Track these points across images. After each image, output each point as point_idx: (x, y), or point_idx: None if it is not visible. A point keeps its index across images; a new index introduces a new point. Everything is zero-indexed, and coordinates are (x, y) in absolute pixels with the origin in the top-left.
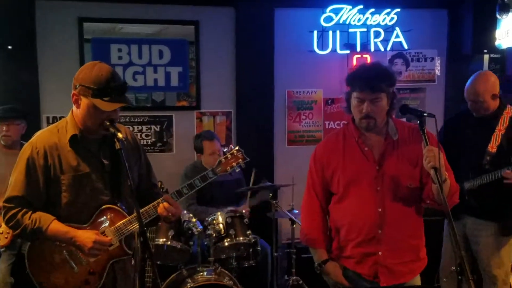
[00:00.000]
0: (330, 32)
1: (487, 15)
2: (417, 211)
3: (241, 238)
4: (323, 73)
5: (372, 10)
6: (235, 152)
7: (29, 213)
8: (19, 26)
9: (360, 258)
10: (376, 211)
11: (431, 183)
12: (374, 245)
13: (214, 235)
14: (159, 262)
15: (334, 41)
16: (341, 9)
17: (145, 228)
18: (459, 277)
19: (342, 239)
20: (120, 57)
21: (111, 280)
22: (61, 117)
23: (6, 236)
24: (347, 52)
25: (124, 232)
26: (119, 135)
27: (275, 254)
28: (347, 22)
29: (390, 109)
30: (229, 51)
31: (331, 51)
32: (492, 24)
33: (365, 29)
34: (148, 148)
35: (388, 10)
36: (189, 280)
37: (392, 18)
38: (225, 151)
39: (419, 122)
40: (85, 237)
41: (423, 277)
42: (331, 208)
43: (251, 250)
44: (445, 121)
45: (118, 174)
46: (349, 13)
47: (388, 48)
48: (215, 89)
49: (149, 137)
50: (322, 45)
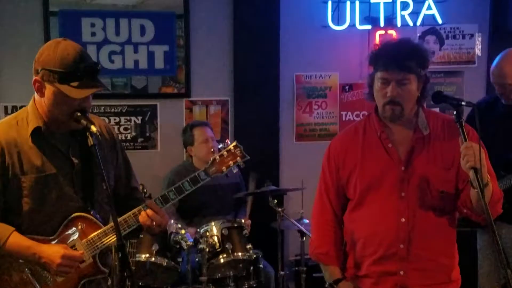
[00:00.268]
0: (348, 3)
1: None
2: (449, 222)
3: (239, 254)
4: (339, 53)
5: None
6: (232, 148)
7: None
8: None
9: (377, 278)
10: (399, 221)
11: (468, 189)
12: (395, 262)
13: (208, 250)
14: (140, 283)
15: (353, 14)
16: None
17: (124, 242)
18: None
19: (358, 254)
20: (93, 34)
21: None
22: (22, 107)
23: None
24: (369, 27)
25: (99, 246)
26: (93, 128)
27: (281, 273)
28: None
29: (421, 97)
30: (226, 27)
31: (349, 26)
32: None
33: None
34: (128, 144)
35: None
36: None
37: None
38: (220, 147)
39: (455, 113)
40: (52, 251)
41: None
42: (346, 217)
43: (251, 268)
44: (468, 113)
45: (90, 175)
46: None
47: (418, 23)
48: (208, 72)
49: (129, 131)
50: (338, 19)
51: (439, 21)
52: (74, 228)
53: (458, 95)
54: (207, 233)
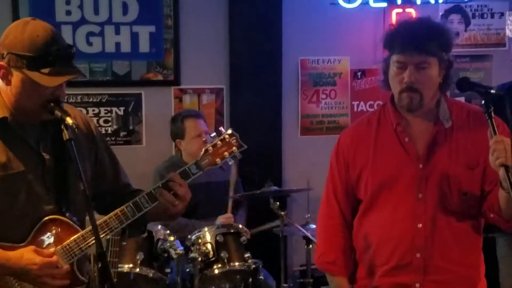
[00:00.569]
0: None
1: None
2: (473, 228)
3: (236, 264)
4: (351, 34)
5: None
6: (227, 137)
7: None
8: None
9: None
10: (415, 227)
11: (497, 190)
12: (410, 273)
13: (200, 259)
14: None
15: None
16: None
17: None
18: None
19: (370, 263)
20: (68, 13)
21: None
22: None
23: None
24: (384, 5)
25: (76, 253)
26: (68, 120)
27: (284, 285)
28: None
29: (443, 84)
30: (220, 5)
31: (361, 3)
32: None
33: None
34: (109, 138)
35: None
36: None
37: None
38: (213, 136)
39: (484, 103)
40: (25, 260)
41: None
42: (356, 221)
43: (250, 280)
44: (503, 96)
45: (64, 173)
46: None
47: (441, 0)
48: (200, 57)
49: (109, 123)
50: None
51: None
52: (49, 233)
53: (486, 82)
54: (200, 240)
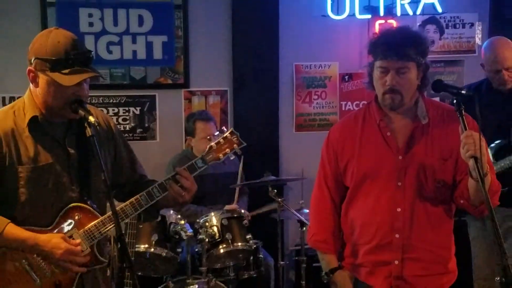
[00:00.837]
0: None
1: None
2: (446, 213)
3: (239, 244)
4: (339, 42)
5: None
6: (228, 135)
7: None
8: None
9: (372, 268)
10: (394, 211)
11: (466, 180)
12: (389, 252)
13: (207, 240)
14: (140, 273)
15: (352, 3)
16: None
17: (123, 232)
18: None
19: (355, 242)
20: (91, 24)
21: None
22: (19, 97)
23: None
24: (368, 17)
25: (96, 236)
26: (91, 119)
27: (281, 263)
28: None
29: (421, 85)
30: (224, 17)
31: (348, 15)
32: None
33: None
34: (126, 135)
35: None
36: None
37: None
38: (216, 134)
39: (455, 102)
40: (52, 244)
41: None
42: (344, 205)
43: (251, 258)
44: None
45: (87, 166)
46: None
47: (418, 12)
48: (207, 63)
49: (127, 121)
50: (338, 8)
51: (439, 10)
52: (72, 219)
53: (458, 84)
54: (207, 224)
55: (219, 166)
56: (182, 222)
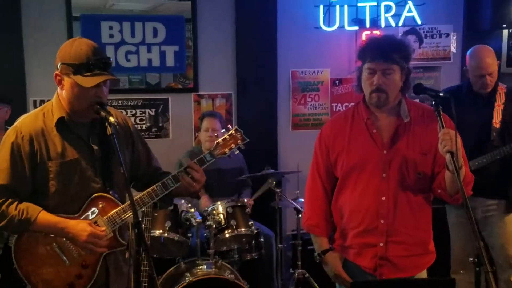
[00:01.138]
0: (337, 7)
1: None
2: (425, 201)
3: (243, 229)
4: (330, 51)
5: None
6: (233, 132)
7: (15, 203)
8: (1, 4)
9: (360, 249)
10: (379, 199)
11: (443, 172)
12: (375, 235)
13: (214, 226)
14: (155, 255)
15: (342, 16)
16: None
17: (140, 219)
18: (477, 268)
19: (344, 227)
20: (111, 36)
21: (103, 274)
22: (48, 100)
23: None
24: (356, 28)
25: (118, 222)
26: (111, 119)
27: (280, 246)
28: None
29: (404, 87)
30: (229, 29)
31: (338, 27)
32: None
33: (375, 3)
34: (143, 133)
35: None
36: (188, 274)
37: None
38: (223, 132)
39: (434, 103)
40: (79, 228)
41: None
42: (335, 194)
43: (253, 242)
44: (449, 99)
45: (109, 160)
46: None
47: (400, 24)
48: (213, 70)
49: (144, 121)
50: (329, 21)
51: (419, 22)
52: (96, 207)
53: (435, 87)
54: (214, 212)
55: (223, 162)
56: (192, 210)
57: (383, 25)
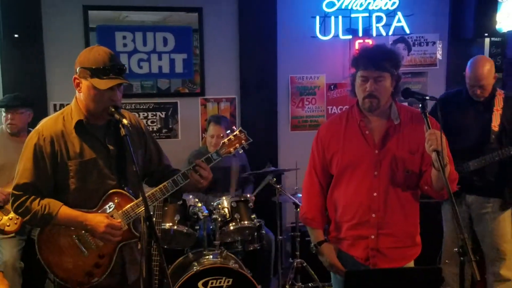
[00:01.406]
0: (332, 18)
1: None
2: (413, 197)
3: (246, 222)
4: (326, 58)
5: None
6: (238, 133)
7: (38, 199)
8: (25, 15)
9: (353, 241)
10: (371, 195)
11: (430, 170)
12: (367, 228)
13: (220, 219)
14: (165, 246)
15: (336, 26)
16: None
17: (152, 213)
18: (461, 258)
19: (338, 220)
20: (125, 45)
21: (119, 263)
22: (67, 104)
23: (15, 222)
24: (349, 37)
25: (132, 216)
26: (124, 121)
27: (280, 237)
28: (349, 7)
29: (394, 92)
30: (233, 38)
31: (333, 36)
32: (493, 7)
33: (367, 14)
34: (154, 134)
35: None
36: (195, 264)
37: (394, 3)
38: (228, 133)
39: (421, 106)
40: (97, 220)
41: (422, 259)
42: (330, 189)
43: (255, 233)
44: (439, 100)
45: (123, 159)
46: None
47: (390, 33)
48: (219, 75)
49: (155, 123)
50: (325, 30)
51: (407, 31)
52: (112, 202)
53: (423, 91)
54: (219, 206)
55: (229, 160)
56: (200, 204)
57: (374, 34)
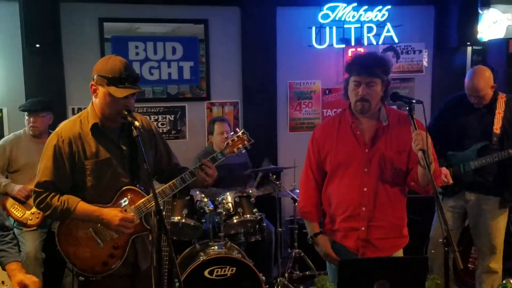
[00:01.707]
0: (327, 28)
1: (470, 11)
2: (401, 192)
3: (248, 216)
4: (321, 65)
5: (365, 7)
6: (240, 134)
7: (58, 196)
8: (45, 27)
9: (345, 232)
10: (362, 190)
11: (416, 168)
12: (358, 221)
13: (224, 213)
14: (174, 238)
15: (331, 36)
16: (336, 7)
17: (161, 207)
18: (446, 248)
19: (332, 213)
20: (137, 54)
21: (132, 254)
22: (84, 108)
23: (37, 216)
24: (343, 46)
25: (144, 210)
26: (136, 123)
27: (279, 229)
28: (342, 19)
29: (383, 96)
30: (236, 47)
31: (328, 45)
32: (474, 18)
33: (359, 25)
34: (164, 135)
35: (380, 7)
36: (202, 254)
37: (383, 15)
38: (232, 134)
39: (408, 108)
40: (112, 214)
41: (412, 249)
42: (324, 185)
43: (257, 226)
44: (444, 104)
45: (135, 158)
46: (344, 10)
47: (380, 42)
48: (223, 81)
49: (165, 125)
50: (320, 40)
51: (396, 40)
52: (125, 198)
53: (410, 95)
54: (224, 201)
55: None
56: (206, 200)
57: (366, 43)
